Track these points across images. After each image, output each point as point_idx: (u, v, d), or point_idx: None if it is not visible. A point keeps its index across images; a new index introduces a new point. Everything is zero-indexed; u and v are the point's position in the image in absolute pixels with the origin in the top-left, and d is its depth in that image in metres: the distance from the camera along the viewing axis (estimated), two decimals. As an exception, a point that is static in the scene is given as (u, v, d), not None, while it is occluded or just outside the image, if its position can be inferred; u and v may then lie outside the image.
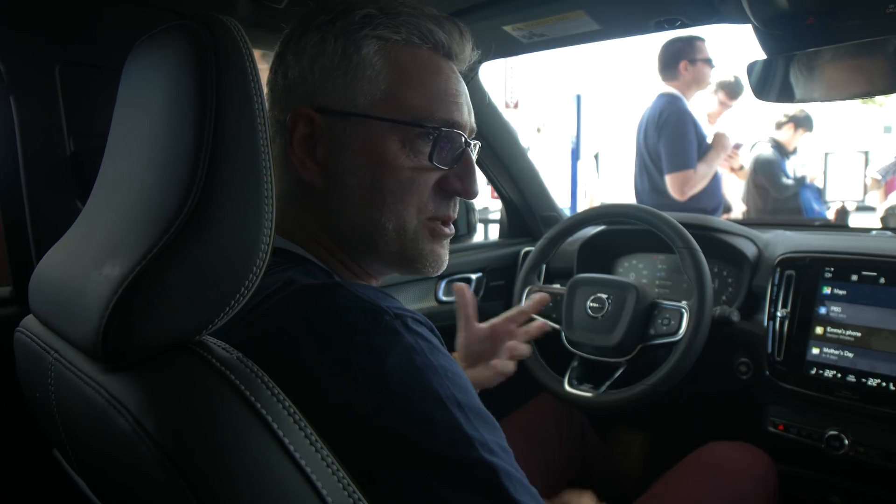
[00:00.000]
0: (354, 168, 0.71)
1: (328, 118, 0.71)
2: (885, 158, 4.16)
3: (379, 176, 0.71)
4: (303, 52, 0.71)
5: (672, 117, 2.84)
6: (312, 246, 0.75)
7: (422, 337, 0.60)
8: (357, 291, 0.62)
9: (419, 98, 0.71)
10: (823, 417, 1.37)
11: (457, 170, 0.75)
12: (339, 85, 0.70)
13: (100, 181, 0.67)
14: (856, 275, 1.35)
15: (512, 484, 0.57)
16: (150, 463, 0.46)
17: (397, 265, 0.77)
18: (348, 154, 0.71)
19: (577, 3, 1.20)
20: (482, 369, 1.10)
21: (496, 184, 2.05)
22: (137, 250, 0.50)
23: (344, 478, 0.52)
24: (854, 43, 1.08)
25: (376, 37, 0.71)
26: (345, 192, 0.72)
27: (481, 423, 0.59)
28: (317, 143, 0.71)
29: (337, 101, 0.70)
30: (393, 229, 0.73)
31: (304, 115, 0.70)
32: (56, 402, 0.62)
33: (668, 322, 1.39)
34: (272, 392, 0.51)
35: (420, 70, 0.72)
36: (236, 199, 0.53)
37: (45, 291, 0.65)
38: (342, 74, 0.70)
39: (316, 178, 0.72)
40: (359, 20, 0.70)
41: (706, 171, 2.82)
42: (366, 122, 0.70)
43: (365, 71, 0.70)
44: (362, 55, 0.70)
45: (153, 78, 0.59)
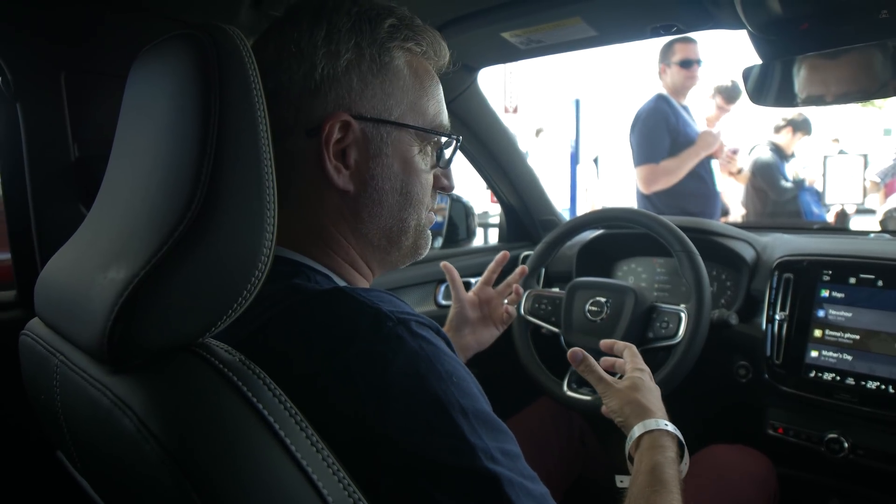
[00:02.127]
0: (388, 173, 0.74)
1: (364, 125, 0.72)
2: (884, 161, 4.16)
3: (407, 180, 0.75)
4: (335, 55, 0.70)
5: (644, 114, 2.98)
6: (323, 249, 0.74)
7: (426, 341, 0.60)
8: (360, 296, 0.62)
9: (432, 107, 0.77)
10: (823, 420, 1.37)
11: (444, 169, 0.82)
12: (377, 92, 0.72)
13: (104, 187, 0.68)
14: (854, 277, 1.36)
15: (514, 492, 0.56)
16: (154, 463, 0.47)
17: (405, 258, 0.82)
18: (382, 160, 0.73)
19: (573, 10, 1.22)
20: (481, 330, 1.24)
21: (495, 188, 2.06)
22: (142, 255, 0.51)
23: (345, 478, 0.53)
24: (848, 48, 1.09)
25: (405, 49, 0.74)
26: (380, 197, 0.74)
27: (485, 429, 0.58)
28: (347, 149, 0.71)
29: (374, 109, 0.72)
30: (413, 226, 0.78)
31: (340, 120, 0.70)
32: (61, 403, 0.63)
33: (666, 325, 1.40)
34: (274, 393, 0.52)
35: (430, 81, 0.77)
36: (239, 206, 0.54)
37: (50, 295, 0.66)
38: (379, 83, 0.72)
39: (349, 184, 0.72)
40: (387, 29, 0.72)
41: (674, 165, 2.90)
42: (398, 129, 0.73)
43: (398, 81, 0.73)
44: (395, 66, 0.73)
45: (157, 86, 0.60)
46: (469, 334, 1.23)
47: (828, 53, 1.12)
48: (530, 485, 0.59)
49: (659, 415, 0.96)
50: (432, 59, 0.78)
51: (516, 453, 0.61)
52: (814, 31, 1.10)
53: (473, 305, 1.25)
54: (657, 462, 0.87)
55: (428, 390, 0.57)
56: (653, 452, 0.89)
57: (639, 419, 0.95)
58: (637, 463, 0.90)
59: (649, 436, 0.92)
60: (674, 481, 0.85)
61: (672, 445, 0.90)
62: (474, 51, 1.51)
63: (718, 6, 1.15)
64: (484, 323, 1.26)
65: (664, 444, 0.90)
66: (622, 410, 0.99)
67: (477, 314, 1.25)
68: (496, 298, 1.27)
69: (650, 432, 0.93)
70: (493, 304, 1.27)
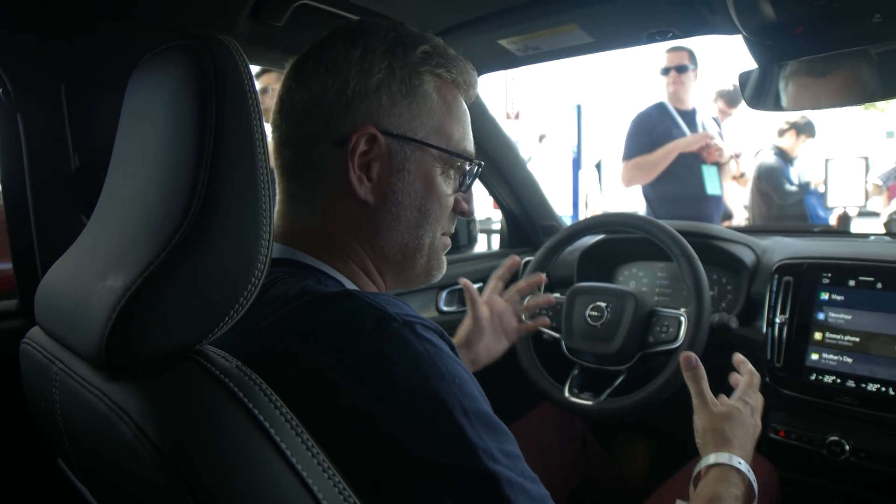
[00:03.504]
0: (409, 189, 0.77)
1: (389, 140, 0.75)
2: (886, 164, 4.15)
3: (427, 198, 0.78)
4: (368, 73, 0.74)
5: (634, 119, 3.21)
6: (339, 256, 0.77)
7: (430, 343, 0.61)
8: (367, 298, 0.64)
9: (457, 133, 0.80)
10: (824, 423, 1.37)
11: (465, 194, 0.85)
12: (405, 112, 0.75)
13: (104, 195, 0.69)
14: (853, 280, 1.36)
15: (513, 492, 0.57)
16: (151, 469, 0.48)
17: (419, 278, 0.85)
18: (403, 176, 0.76)
19: (569, 17, 1.23)
20: (494, 343, 1.26)
21: (496, 194, 2.07)
22: (139, 262, 0.52)
23: (340, 482, 0.53)
24: (843, 51, 1.09)
25: (435, 75, 0.78)
26: (398, 211, 0.77)
27: (487, 430, 0.60)
28: (371, 162, 0.75)
29: (400, 126, 0.75)
30: (427, 244, 0.81)
31: (368, 133, 0.73)
32: (60, 410, 0.64)
33: (666, 329, 1.40)
34: (270, 399, 0.53)
35: (458, 108, 0.81)
36: (235, 213, 0.55)
37: (50, 303, 0.66)
38: (408, 103, 0.75)
39: (370, 196, 0.75)
40: (420, 55, 0.76)
41: (645, 161, 3.11)
42: (422, 149, 0.77)
43: (425, 104, 0.77)
44: (424, 89, 0.77)
45: (155, 95, 0.61)
46: (483, 349, 1.23)
47: (823, 57, 1.12)
48: (530, 485, 0.60)
49: (739, 452, 0.93)
50: (461, 87, 0.81)
51: (516, 454, 0.62)
52: (808, 35, 1.10)
53: (488, 320, 1.25)
54: (718, 493, 0.86)
55: (431, 390, 0.58)
56: (717, 484, 0.88)
57: (717, 449, 0.93)
58: (699, 489, 0.89)
59: (719, 468, 0.90)
60: None
61: (740, 484, 0.88)
62: (473, 58, 1.49)
63: (713, 11, 1.16)
64: (496, 336, 1.27)
65: (731, 481, 0.88)
66: (705, 434, 0.97)
67: (490, 328, 1.25)
68: (507, 310, 1.29)
69: (721, 465, 0.90)
70: (505, 316, 1.28)
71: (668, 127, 3.06)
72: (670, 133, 3.05)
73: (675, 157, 3.03)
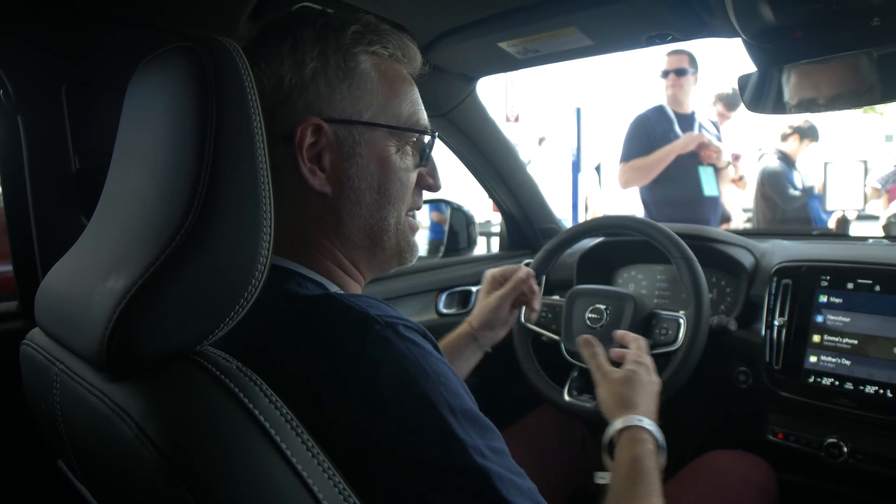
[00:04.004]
0: (364, 173, 0.76)
1: (335, 127, 0.74)
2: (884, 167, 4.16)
3: (384, 178, 0.77)
4: (301, 64, 0.72)
5: (632, 121, 3.25)
6: (311, 254, 0.76)
7: (414, 343, 0.62)
8: (349, 301, 0.64)
9: (405, 107, 0.79)
10: (822, 425, 1.37)
11: (428, 168, 0.84)
12: (345, 96, 0.74)
13: (104, 197, 0.69)
14: (851, 283, 1.36)
15: (504, 486, 0.58)
16: (152, 469, 0.48)
17: (391, 259, 0.83)
18: (356, 160, 0.75)
19: (569, 20, 1.23)
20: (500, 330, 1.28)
21: (496, 197, 2.07)
22: (140, 264, 0.52)
23: (340, 482, 0.53)
24: (842, 55, 1.10)
25: (371, 52, 0.76)
26: (357, 197, 0.76)
27: (473, 426, 0.60)
28: (321, 152, 0.74)
29: (344, 111, 0.74)
30: (393, 224, 0.80)
31: (311, 125, 0.72)
32: (61, 411, 0.64)
33: (665, 332, 1.40)
34: (270, 400, 0.53)
35: (402, 82, 0.80)
36: (235, 215, 0.55)
37: (50, 304, 0.67)
38: (347, 87, 0.74)
39: (325, 186, 0.74)
40: (351, 35, 0.75)
41: (642, 164, 3.14)
42: (370, 130, 0.76)
43: (366, 84, 0.76)
44: (362, 69, 0.75)
45: (156, 97, 0.61)
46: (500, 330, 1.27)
47: (822, 60, 1.13)
48: (518, 480, 0.61)
49: (642, 410, 0.99)
50: (402, 61, 0.81)
51: (503, 450, 0.63)
52: (807, 39, 1.11)
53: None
54: (636, 454, 0.91)
55: (417, 390, 0.59)
56: (632, 446, 0.93)
57: (623, 413, 0.99)
58: (617, 456, 0.94)
59: (629, 431, 0.96)
60: (654, 472, 0.89)
61: (650, 439, 0.94)
62: (472, 61, 1.53)
63: (713, 15, 1.16)
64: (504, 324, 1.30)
65: (643, 438, 0.94)
66: (608, 401, 1.04)
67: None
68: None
69: (629, 427, 0.96)
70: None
71: (665, 130, 3.08)
72: (668, 136, 3.07)
73: (673, 160, 3.05)
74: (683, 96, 3.09)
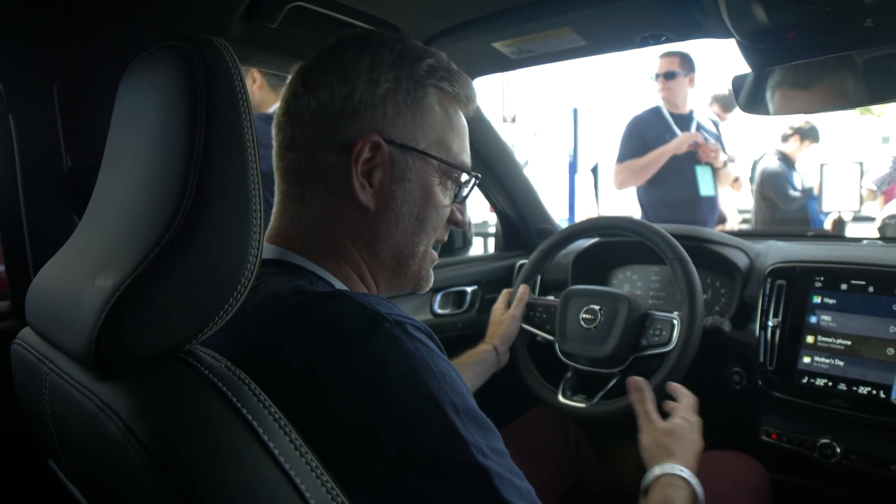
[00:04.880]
0: (408, 198, 0.79)
1: (392, 149, 0.77)
2: (880, 169, 4.16)
3: (424, 207, 0.81)
4: (375, 83, 0.76)
5: (628, 123, 3.25)
6: (335, 259, 0.78)
7: (421, 343, 0.63)
8: (359, 299, 0.65)
9: (456, 145, 0.83)
10: (815, 426, 1.37)
11: (460, 206, 0.88)
12: (408, 122, 0.78)
13: (95, 196, 0.69)
14: (845, 284, 1.36)
15: (503, 486, 0.60)
16: (139, 468, 0.48)
17: (409, 284, 0.86)
18: (404, 184, 0.79)
19: (562, 20, 1.23)
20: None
21: (491, 198, 2.07)
22: (129, 262, 0.52)
23: (328, 481, 0.53)
24: (836, 56, 1.10)
25: (439, 88, 0.80)
26: (396, 218, 0.79)
27: (476, 426, 0.62)
28: (374, 169, 0.77)
29: (404, 136, 0.78)
30: (422, 252, 0.84)
31: (372, 141, 0.75)
32: (50, 410, 0.64)
33: (659, 332, 1.40)
34: (259, 399, 0.53)
35: (459, 122, 0.84)
36: (225, 214, 0.55)
37: (40, 303, 0.66)
38: (412, 114, 0.78)
39: (370, 201, 0.77)
40: (425, 68, 0.79)
41: (637, 164, 3.14)
42: (423, 159, 0.79)
43: (428, 115, 0.80)
44: (428, 101, 0.79)
45: (146, 96, 0.61)
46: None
47: (816, 61, 1.13)
48: (517, 481, 0.62)
49: (682, 462, 0.99)
50: (462, 101, 0.84)
51: (503, 451, 0.64)
52: (801, 40, 1.11)
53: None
54: (668, 496, 0.91)
55: (423, 388, 0.60)
56: (666, 488, 0.93)
57: (662, 461, 0.99)
58: (648, 495, 0.94)
59: (666, 477, 0.96)
60: None
61: (687, 488, 0.93)
62: (467, 61, 1.52)
63: (706, 15, 1.16)
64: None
65: (678, 485, 0.94)
66: (650, 449, 1.04)
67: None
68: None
69: (667, 474, 0.96)
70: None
71: (660, 131, 3.08)
72: (663, 137, 3.07)
73: (668, 161, 3.05)
74: (675, 98, 3.09)
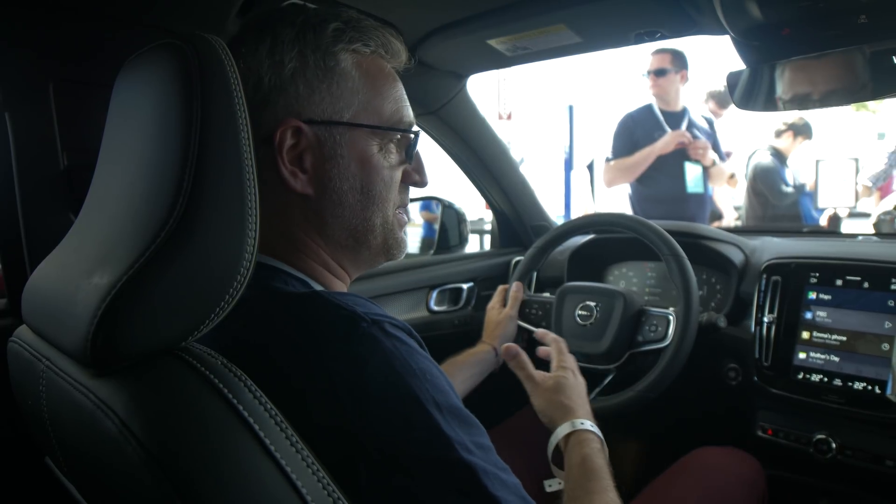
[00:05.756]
0: (346, 174, 0.75)
1: (316, 128, 0.73)
2: (876, 165, 4.17)
3: (367, 178, 0.76)
4: (280, 64, 0.71)
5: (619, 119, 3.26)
6: (296, 254, 0.76)
7: (400, 341, 0.62)
8: (335, 299, 0.64)
9: (388, 105, 0.78)
10: (811, 422, 1.38)
11: (414, 164, 0.83)
12: (325, 97, 0.73)
13: (91, 194, 0.69)
14: (840, 279, 1.37)
15: (490, 481, 0.59)
16: (136, 465, 0.48)
17: (377, 257, 0.82)
18: (338, 161, 0.74)
19: (557, 17, 1.23)
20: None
21: (487, 195, 2.07)
22: (125, 260, 0.52)
23: (324, 477, 0.54)
24: (830, 52, 1.10)
25: (352, 50, 0.75)
26: (339, 197, 0.75)
27: (459, 423, 0.61)
28: (302, 153, 0.73)
29: (324, 112, 0.73)
30: (379, 224, 0.79)
31: (291, 126, 0.71)
32: (47, 408, 0.64)
33: (655, 329, 1.40)
34: (254, 395, 0.53)
35: (385, 79, 0.79)
36: (220, 211, 0.55)
37: (37, 301, 0.66)
38: (326, 87, 0.73)
39: (307, 188, 0.73)
40: (331, 33, 0.74)
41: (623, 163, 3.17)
42: (352, 130, 0.75)
43: (346, 83, 0.74)
44: (342, 68, 0.74)
45: (141, 94, 0.61)
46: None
47: (810, 57, 1.13)
48: (503, 475, 0.62)
49: (581, 413, 1.02)
50: (385, 57, 0.79)
51: (488, 446, 0.63)
52: (795, 36, 1.11)
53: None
54: (585, 454, 0.93)
55: (404, 387, 0.59)
56: (580, 447, 0.95)
57: (563, 419, 1.01)
58: (567, 460, 0.95)
59: (574, 435, 0.98)
60: (605, 469, 0.90)
61: (596, 439, 0.97)
62: (462, 58, 1.53)
63: (701, 12, 1.16)
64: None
65: (588, 438, 0.96)
66: (547, 410, 1.06)
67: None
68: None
69: (575, 432, 0.98)
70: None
71: (649, 129, 3.08)
72: (652, 135, 3.07)
73: (657, 159, 3.06)
74: (667, 95, 3.08)
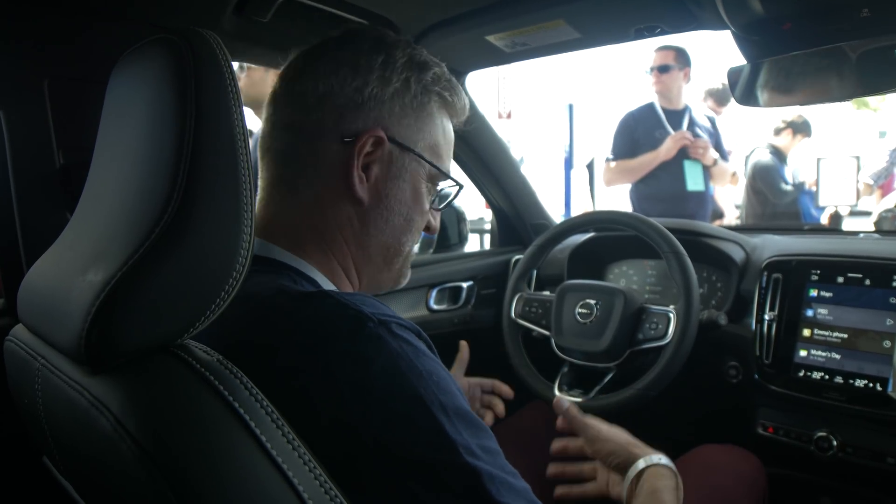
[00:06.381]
0: (401, 196, 0.81)
1: (393, 147, 0.78)
2: (877, 163, 4.17)
3: (413, 208, 0.83)
4: (387, 81, 0.77)
5: (620, 118, 3.22)
6: (323, 251, 0.78)
7: (406, 342, 0.62)
8: (342, 299, 0.64)
9: (445, 154, 0.86)
10: (812, 419, 1.37)
11: (436, 212, 0.90)
12: (411, 123, 0.80)
13: (86, 191, 0.68)
14: (841, 277, 1.36)
15: (495, 486, 0.58)
16: (131, 463, 0.47)
17: (389, 282, 0.88)
18: (399, 182, 0.80)
19: (556, 13, 1.22)
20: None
21: (487, 194, 2.07)
22: (119, 257, 0.52)
23: (321, 475, 0.53)
24: (832, 47, 1.09)
25: (441, 97, 0.83)
26: (388, 214, 0.80)
27: (465, 426, 0.60)
28: (372, 163, 0.78)
29: (405, 136, 0.79)
30: (406, 252, 0.86)
31: (376, 136, 0.76)
32: (43, 406, 0.63)
33: (655, 326, 1.40)
34: (251, 393, 0.53)
35: (450, 132, 0.87)
36: (215, 208, 0.54)
37: (32, 300, 0.66)
38: (415, 117, 0.80)
39: (365, 195, 0.77)
40: (431, 76, 0.81)
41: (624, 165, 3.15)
42: (419, 161, 0.81)
43: (429, 121, 0.82)
44: (431, 108, 0.82)
45: (136, 90, 0.61)
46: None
47: (812, 53, 1.13)
48: (512, 479, 0.61)
49: (649, 451, 1.03)
50: (456, 113, 0.87)
51: (496, 450, 0.62)
52: (797, 31, 1.10)
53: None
54: (657, 487, 0.94)
55: (409, 388, 0.59)
56: (654, 479, 0.96)
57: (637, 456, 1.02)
58: (639, 489, 0.97)
59: (650, 469, 0.99)
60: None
61: (672, 476, 0.98)
62: (460, 55, 1.52)
63: (701, 7, 1.15)
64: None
65: (664, 474, 0.98)
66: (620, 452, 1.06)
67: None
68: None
69: (652, 465, 1.00)
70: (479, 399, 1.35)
71: (650, 128, 3.05)
72: (652, 134, 3.04)
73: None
74: (669, 93, 3.06)
